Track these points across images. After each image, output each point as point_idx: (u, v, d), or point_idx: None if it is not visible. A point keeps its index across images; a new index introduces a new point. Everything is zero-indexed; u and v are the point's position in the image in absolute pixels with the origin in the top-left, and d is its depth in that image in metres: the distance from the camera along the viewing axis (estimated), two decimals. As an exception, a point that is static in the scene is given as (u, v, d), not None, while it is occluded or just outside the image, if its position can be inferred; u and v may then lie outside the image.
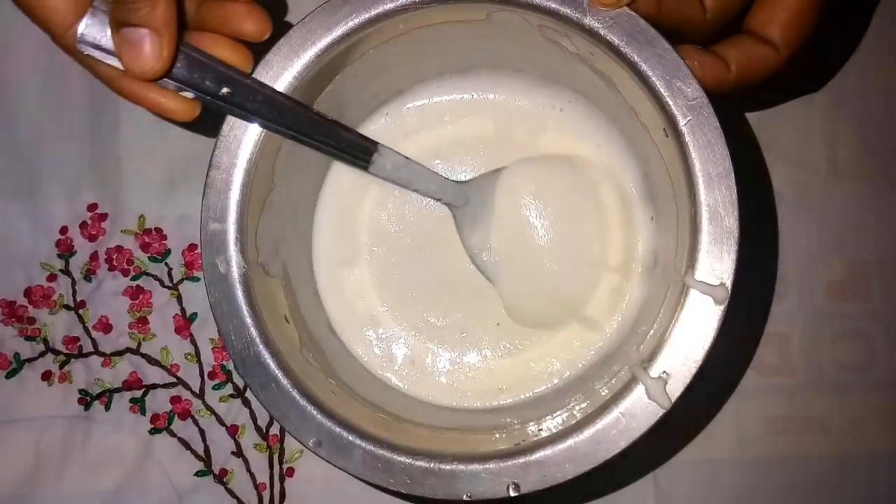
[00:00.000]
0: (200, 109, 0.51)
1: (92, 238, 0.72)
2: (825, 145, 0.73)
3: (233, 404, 0.72)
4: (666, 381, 0.49)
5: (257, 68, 0.53)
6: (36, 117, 0.72)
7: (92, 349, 0.72)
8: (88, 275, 0.72)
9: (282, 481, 0.71)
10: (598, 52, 0.53)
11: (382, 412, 0.57)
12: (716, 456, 0.71)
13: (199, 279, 0.72)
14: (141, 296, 0.72)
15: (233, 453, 0.71)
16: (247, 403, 0.71)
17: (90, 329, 0.72)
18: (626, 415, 0.49)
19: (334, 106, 0.57)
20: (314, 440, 0.52)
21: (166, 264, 0.72)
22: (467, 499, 0.50)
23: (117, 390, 0.71)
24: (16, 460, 0.71)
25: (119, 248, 0.72)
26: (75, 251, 0.72)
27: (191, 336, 0.72)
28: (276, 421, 0.53)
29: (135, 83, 0.49)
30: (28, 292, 0.72)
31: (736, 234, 0.49)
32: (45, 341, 0.72)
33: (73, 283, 0.72)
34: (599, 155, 0.63)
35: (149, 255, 0.72)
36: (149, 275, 0.72)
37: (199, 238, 0.54)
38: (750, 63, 0.55)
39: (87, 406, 0.71)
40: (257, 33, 0.51)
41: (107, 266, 0.72)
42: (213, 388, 0.72)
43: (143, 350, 0.72)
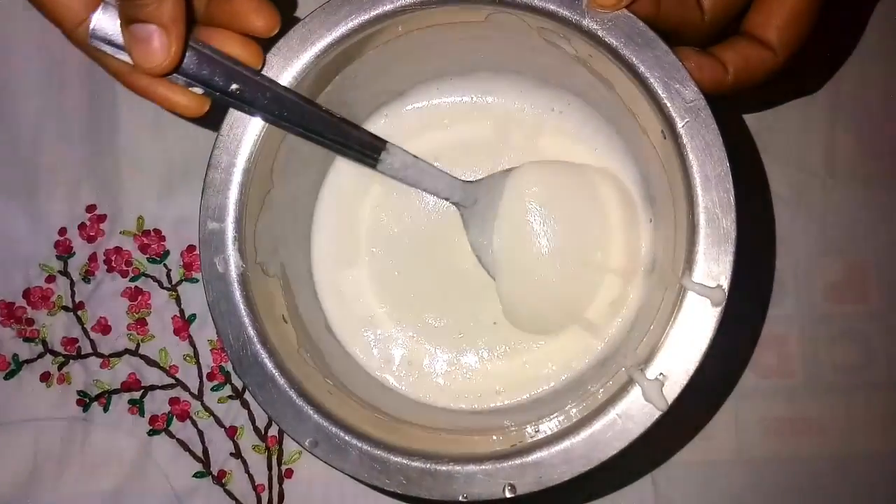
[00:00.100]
0: (209, 105, 0.51)
1: (91, 239, 0.72)
2: (823, 147, 0.73)
3: (231, 405, 0.72)
4: (663, 382, 0.49)
5: (257, 68, 0.53)
6: (35, 118, 0.72)
7: (90, 350, 0.72)
8: (87, 276, 0.72)
9: (280, 483, 0.71)
10: (597, 54, 0.53)
11: (379, 413, 0.57)
12: (714, 457, 0.71)
13: (197, 280, 0.72)
14: (139, 297, 0.72)
15: (231, 454, 0.71)
16: (245, 405, 0.72)
17: (89, 330, 0.72)
18: (622, 416, 0.49)
19: (334, 107, 0.57)
20: (310, 440, 0.52)
21: (165, 265, 0.72)
22: (463, 500, 0.50)
23: (116, 391, 0.71)
24: (14, 461, 0.71)
25: (118, 250, 0.72)
26: (74, 252, 0.72)
27: (189, 337, 0.72)
28: (273, 420, 0.53)
29: (144, 78, 0.49)
30: (27, 293, 0.72)
31: (733, 237, 0.49)
32: (44, 342, 0.72)
33: (72, 285, 0.72)
34: (598, 157, 0.63)
35: (147, 256, 0.72)
36: (147, 276, 0.72)
37: (197, 239, 0.54)
38: (748, 65, 0.55)
39: (86, 407, 0.71)
40: (266, 29, 0.51)
41: (105, 267, 0.72)
42: (212, 389, 0.72)
43: (141, 351, 0.72)
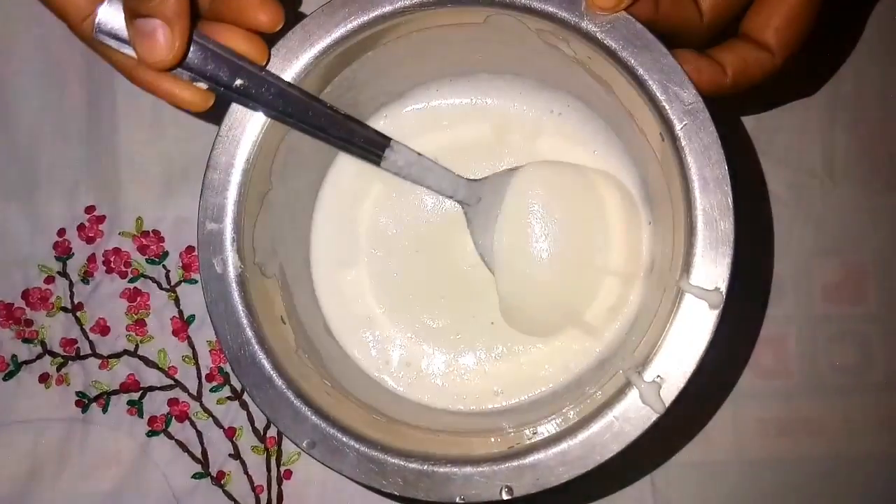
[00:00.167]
0: (214, 100, 0.51)
1: (89, 240, 0.72)
2: (821, 148, 0.73)
3: (230, 406, 0.72)
4: (660, 385, 0.49)
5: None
6: (34, 119, 0.72)
7: (89, 351, 0.72)
8: (86, 277, 0.72)
9: (279, 483, 0.71)
10: (596, 56, 0.52)
11: (377, 414, 0.57)
12: (713, 457, 0.71)
13: (196, 281, 0.72)
14: (138, 298, 0.72)
15: (230, 455, 0.71)
16: (244, 406, 0.72)
17: (88, 331, 0.72)
18: (619, 419, 0.49)
19: (333, 108, 0.57)
20: (308, 441, 0.52)
21: (164, 266, 0.72)
22: (460, 501, 0.50)
23: (115, 392, 0.71)
24: (13, 462, 0.71)
25: (117, 251, 0.72)
26: (73, 253, 0.72)
27: (188, 338, 0.72)
28: (271, 421, 0.53)
29: (149, 73, 0.49)
30: (26, 294, 0.72)
31: (731, 239, 0.49)
32: (43, 343, 0.72)
33: (71, 286, 0.72)
34: (597, 159, 0.63)
35: (146, 257, 0.72)
36: (146, 277, 0.72)
37: (196, 240, 0.54)
38: (746, 67, 0.55)
39: (85, 408, 0.71)
40: (270, 24, 0.51)
41: (104, 268, 0.72)
42: (211, 390, 0.72)
43: (140, 352, 0.72)
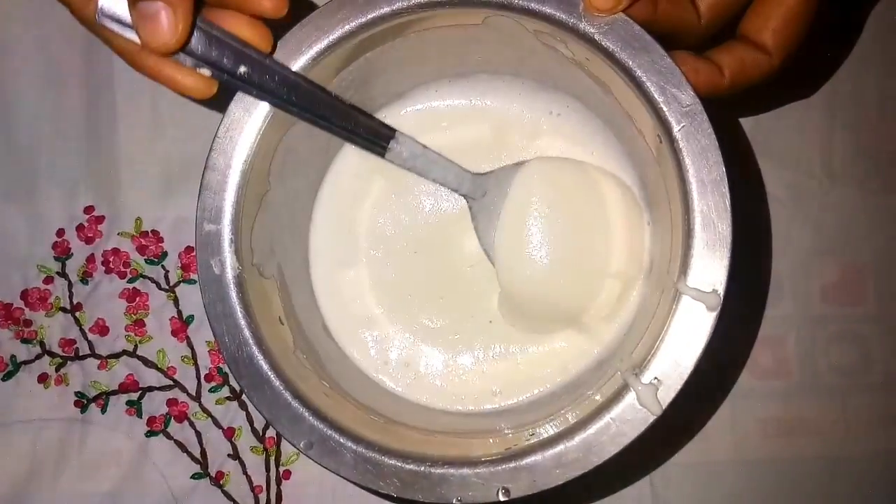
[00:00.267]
0: (217, 88, 0.51)
1: (88, 240, 0.72)
2: (820, 149, 0.73)
3: (229, 407, 0.72)
4: (657, 387, 0.49)
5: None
6: (33, 119, 0.73)
7: (88, 351, 0.72)
8: (85, 277, 0.72)
9: (278, 484, 0.71)
10: (594, 57, 0.52)
11: (375, 414, 0.57)
12: (711, 458, 0.71)
13: (195, 282, 0.72)
14: (137, 298, 0.72)
15: (229, 456, 0.71)
16: (243, 406, 0.72)
17: (87, 331, 0.72)
18: (616, 421, 0.49)
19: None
20: (305, 442, 0.52)
21: (163, 267, 0.72)
22: (457, 503, 0.50)
23: (114, 393, 0.71)
24: (12, 462, 0.71)
25: (116, 251, 0.72)
26: (72, 253, 0.72)
27: (187, 338, 0.72)
28: (268, 422, 0.53)
29: (152, 58, 0.49)
30: (24, 294, 0.72)
31: (729, 241, 0.49)
32: (42, 344, 0.72)
33: (70, 286, 0.72)
34: (596, 160, 0.63)
35: (145, 257, 0.72)
36: (145, 277, 0.72)
37: (194, 240, 0.54)
38: (744, 69, 0.55)
39: (84, 408, 0.71)
40: (274, 10, 0.50)
41: (103, 268, 0.72)
42: (210, 390, 0.72)
43: (139, 352, 0.72)
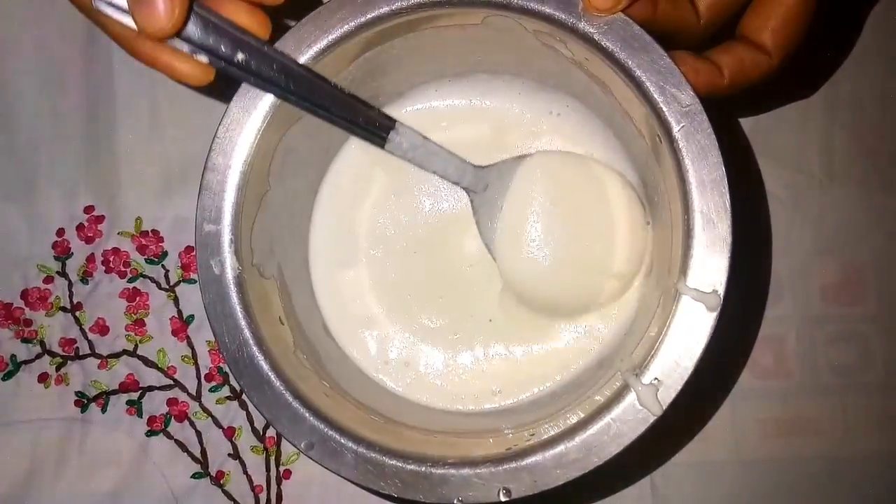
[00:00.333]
0: (214, 75, 0.50)
1: (89, 240, 0.72)
2: (819, 149, 0.73)
3: (229, 406, 0.72)
4: (657, 387, 0.49)
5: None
6: (33, 119, 0.73)
7: (88, 351, 0.72)
8: (85, 277, 0.72)
9: (278, 483, 0.71)
10: (593, 57, 0.52)
11: (376, 414, 0.57)
12: (712, 457, 0.71)
13: (195, 281, 0.72)
14: (137, 298, 0.72)
15: (229, 455, 0.71)
16: (244, 406, 0.72)
17: (87, 331, 0.72)
18: (617, 421, 0.49)
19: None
20: (306, 442, 0.52)
21: (163, 266, 0.72)
22: (458, 503, 0.50)
23: (114, 392, 0.72)
24: (12, 462, 0.71)
25: (116, 251, 0.72)
26: (72, 253, 0.72)
27: (187, 338, 0.72)
28: (269, 422, 0.53)
29: (148, 44, 0.48)
30: (25, 294, 0.72)
31: (729, 241, 0.49)
32: (42, 343, 0.72)
33: (70, 286, 0.72)
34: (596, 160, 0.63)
35: (145, 257, 0.72)
36: (145, 277, 0.72)
37: (194, 241, 0.54)
38: (743, 69, 0.55)
39: (84, 408, 0.71)
40: None
41: (103, 268, 0.72)
42: (210, 390, 0.72)
43: (139, 352, 0.72)
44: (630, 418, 0.49)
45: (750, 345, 0.72)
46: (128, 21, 0.47)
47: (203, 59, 0.48)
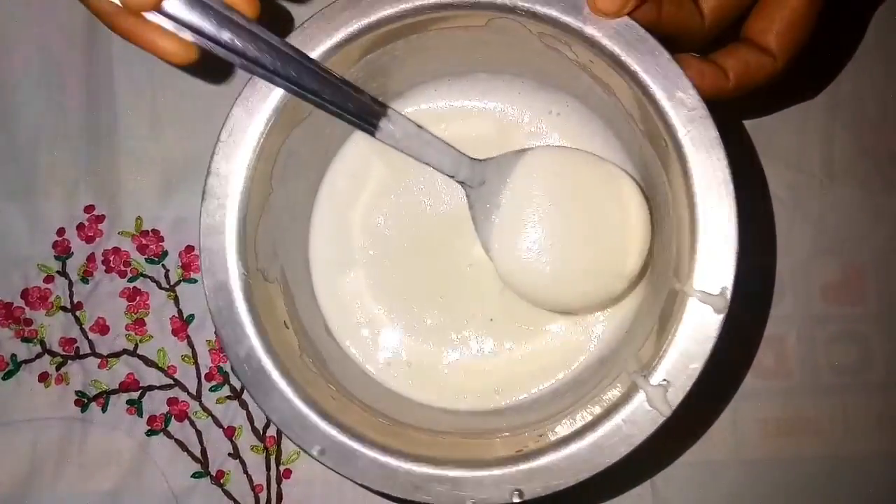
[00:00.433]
0: (198, 54, 0.48)
1: (89, 240, 0.72)
2: (821, 148, 0.73)
3: (230, 406, 0.72)
4: (666, 388, 0.49)
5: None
6: (33, 119, 0.72)
7: (89, 351, 0.72)
8: (85, 276, 0.72)
9: (278, 483, 0.71)
10: (598, 60, 0.53)
11: (381, 416, 0.57)
12: (712, 457, 0.71)
13: (195, 281, 0.72)
14: (138, 297, 0.72)
15: (230, 455, 0.71)
16: (244, 405, 0.72)
17: (87, 330, 0.72)
18: (627, 422, 0.50)
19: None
20: (318, 448, 0.52)
21: (163, 266, 0.72)
22: None
23: (114, 392, 0.71)
24: (12, 462, 0.71)
25: (116, 250, 0.72)
26: (72, 253, 0.72)
27: (188, 338, 0.72)
28: (280, 429, 0.52)
29: (130, 19, 0.47)
30: (25, 294, 0.72)
31: (735, 244, 0.49)
32: (42, 343, 0.72)
33: (70, 285, 0.72)
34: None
35: (146, 256, 0.72)
36: (146, 276, 0.72)
37: (196, 240, 0.54)
38: (748, 71, 0.55)
39: (84, 407, 0.71)
40: None
41: (104, 268, 0.72)
42: (210, 389, 0.72)
43: (139, 352, 0.72)
44: (639, 419, 0.50)
45: (753, 346, 0.72)
46: None
47: (188, 36, 0.47)
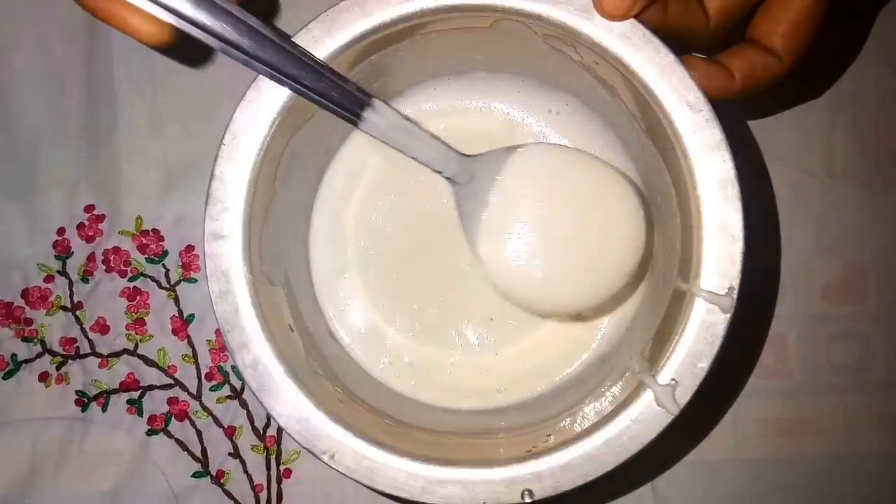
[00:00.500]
0: (172, 36, 0.47)
1: (89, 239, 0.72)
2: (822, 148, 0.73)
3: (230, 405, 0.72)
4: (675, 388, 0.50)
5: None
6: (33, 119, 0.72)
7: (89, 350, 0.72)
8: (86, 276, 0.72)
9: (279, 482, 0.71)
10: (603, 61, 0.53)
11: (387, 418, 0.57)
12: (713, 456, 0.71)
13: (196, 280, 0.72)
14: (138, 297, 0.72)
15: (230, 454, 0.71)
16: (244, 405, 0.71)
17: (87, 330, 0.72)
18: (635, 421, 0.50)
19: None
20: (328, 452, 0.51)
21: (163, 265, 0.72)
22: None
23: (114, 391, 0.71)
24: (13, 461, 0.70)
25: (116, 250, 0.72)
26: (72, 252, 0.72)
27: (188, 337, 0.72)
28: (290, 435, 0.52)
29: None
30: (25, 293, 0.72)
31: (741, 244, 0.49)
32: (43, 342, 0.71)
33: (71, 285, 0.72)
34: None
35: (146, 256, 0.72)
36: (146, 276, 0.72)
37: (197, 239, 0.54)
38: (754, 72, 0.55)
39: (85, 407, 0.71)
40: None
41: (104, 267, 0.72)
42: (211, 389, 0.72)
43: (140, 351, 0.72)
44: (648, 418, 0.50)
45: (757, 345, 0.72)
46: None
47: (165, 16, 0.46)
